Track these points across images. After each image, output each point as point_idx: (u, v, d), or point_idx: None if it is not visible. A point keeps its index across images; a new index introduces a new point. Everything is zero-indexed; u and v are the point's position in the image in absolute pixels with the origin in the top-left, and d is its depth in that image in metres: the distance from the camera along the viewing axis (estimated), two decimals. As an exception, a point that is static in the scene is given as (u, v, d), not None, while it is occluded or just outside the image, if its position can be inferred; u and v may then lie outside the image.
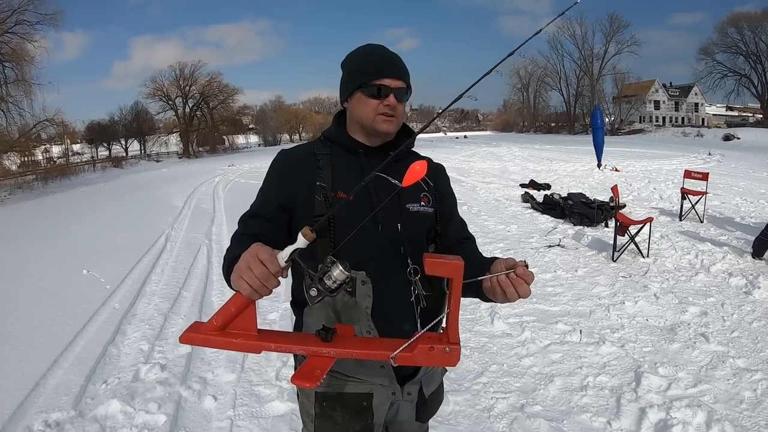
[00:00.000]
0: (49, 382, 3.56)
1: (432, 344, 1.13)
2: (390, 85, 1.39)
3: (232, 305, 1.11)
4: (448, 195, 1.58)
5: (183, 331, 1.16)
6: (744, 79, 54.92)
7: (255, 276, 1.05)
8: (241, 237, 1.36)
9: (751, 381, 3.35)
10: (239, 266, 1.08)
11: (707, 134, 41.41)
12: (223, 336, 1.12)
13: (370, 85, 1.38)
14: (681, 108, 66.01)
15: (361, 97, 1.40)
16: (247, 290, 1.07)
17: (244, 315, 1.12)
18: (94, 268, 6.76)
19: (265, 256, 1.05)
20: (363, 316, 1.33)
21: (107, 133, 58.98)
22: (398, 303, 1.38)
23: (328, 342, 1.14)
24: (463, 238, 1.55)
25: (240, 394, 3.33)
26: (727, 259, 5.95)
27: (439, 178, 1.58)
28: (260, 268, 1.05)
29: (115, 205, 15.24)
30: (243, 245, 1.17)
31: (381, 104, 1.38)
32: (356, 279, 1.32)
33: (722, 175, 14.36)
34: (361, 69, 1.41)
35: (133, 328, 4.58)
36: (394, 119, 1.41)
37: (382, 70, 1.39)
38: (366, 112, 1.40)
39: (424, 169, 1.12)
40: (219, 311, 1.13)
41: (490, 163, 21.61)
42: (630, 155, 23.64)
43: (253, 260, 1.06)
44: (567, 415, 3.04)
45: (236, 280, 1.08)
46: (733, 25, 54.32)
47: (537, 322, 4.42)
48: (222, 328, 1.13)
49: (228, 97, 63.96)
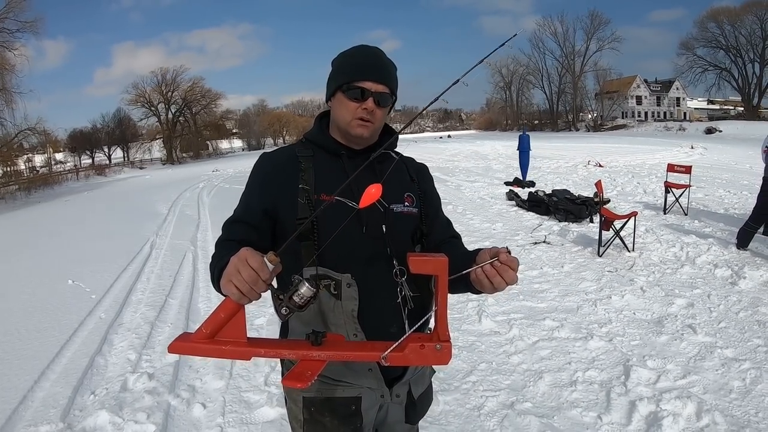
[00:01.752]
0: (37, 394, 3.50)
1: (422, 342, 1.13)
2: (370, 89, 1.35)
3: (222, 311, 1.10)
4: (432, 195, 1.58)
5: (172, 341, 1.14)
6: (725, 73, 55.90)
7: (244, 279, 1.04)
8: (226, 243, 1.34)
9: (740, 370, 3.39)
10: (228, 271, 1.07)
11: (689, 128, 41.91)
12: (213, 344, 1.11)
13: (350, 86, 1.36)
14: (663, 103, 66.78)
15: (341, 98, 1.38)
16: (236, 294, 1.06)
17: (233, 322, 1.11)
18: (79, 277, 6.67)
19: (253, 261, 1.05)
20: (349, 319, 1.32)
21: (90, 140, 58.51)
22: (385, 305, 1.37)
23: (318, 345, 1.13)
24: (450, 237, 1.54)
25: (229, 400, 3.30)
26: (712, 250, 6.02)
27: (423, 177, 1.57)
28: (249, 272, 1.04)
29: (99, 213, 15.08)
30: (228, 251, 1.16)
31: (359, 107, 1.36)
32: (341, 282, 1.31)
33: (705, 167, 14.53)
34: (344, 69, 1.39)
35: (119, 337, 4.53)
36: (370, 125, 1.38)
37: (364, 72, 1.36)
38: (343, 114, 1.38)
39: (378, 192, 1.11)
40: (208, 318, 1.11)
41: (474, 162, 21.65)
42: (613, 151, 23.85)
43: (242, 264, 1.05)
44: (557, 411, 3.05)
45: (225, 285, 1.07)
46: (712, 20, 55.28)
47: (524, 319, 4.43)
48: (211, 335, 1.11)
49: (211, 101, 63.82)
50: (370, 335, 1.33)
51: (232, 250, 1.14)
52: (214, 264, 1.26)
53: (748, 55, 53.91)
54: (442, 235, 1.54)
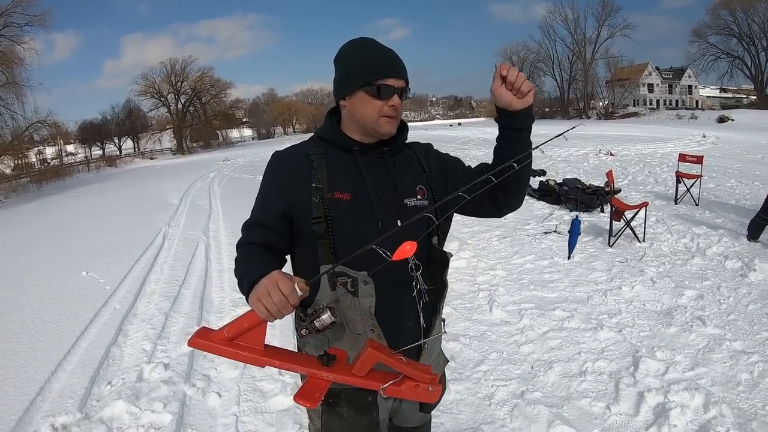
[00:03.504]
0: (54, 386, 3.59)
1: (418, 382, 1.22)
2: (394, 85, 1.37)
3: (246, 321, 1.17)
4: (446, 162, 1.58)
5: (191, 336, 1.20)
6: (737, 61, 55.10)
7: (274, 302, 1.12)
8: (247, 248, 1.39)
9: (748, 363, 3.39)
10: (259, 291, 1.14)
11: (701, 116, 41.44)
12: (232, 347, 1.18)
13: (373, 84, 1.36)
14: (675, 91, 65.97)
15: (364, 97, 1.38)
16: (264, 313, 1.14)
17: (254, 331, 1.18)
18: (93, 269, 6.78)
19: (284, 286, 1.13)
20: (366, 316, 1.35)
21: (100, 132, 58.94)
22: (401, 300, 1.40)
23: (328, 367, 1.20)
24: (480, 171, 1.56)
25: (244, 390, 3.36)
26: (722, 242, 6.00)
27: (431, 157, 1.58)
28: (279, 297, 1.12)
29: (110, 204, 15.22)
30: (252, 260, 1.29)
31: (385, 105, 1.37)
32: (358, 279, 1.33)
33: (717, 157, 14.39)
34: (363, 67, 1.38)
35: (134, 328, 4.61)
36: (395, 120, 1.41)
37: (387, 69, 1.37)
38: (369, 113, 1.38)
39: (413, 249, 1.16)
40: (232, 323, 1.18)
41: (485, 150, 21.53)
42: (624, 139, 23.64)
43: (273, 288, 1.13)
44: (566, 401, 3.09)
45: (255, 303, 1.15)
46: (725, 7, 54.34)
47: (535, 309, 4.46)
48: (231, 339, 1.18)
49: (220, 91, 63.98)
50: (387, 330, 1.36)
51: (255, 258, 1.28)
52: (240, 271, 1.31)
53: (761, 43, 53.07)
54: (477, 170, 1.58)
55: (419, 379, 1.21)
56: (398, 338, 1.39)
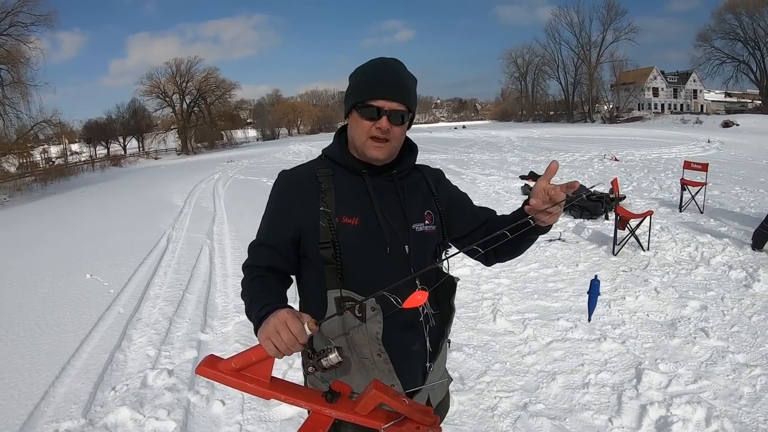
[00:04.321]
0: (58, 390, 3.61)
1: (419, 424, 1.23)
2: (383, 107, 1.33)
3: (254, 355, 1.19)
4: (454, 195, 1.57)
5: (200, 364, 1.22)
6: (742, 65, 54.91)
7: (283, 341, 1.14)
8: (253, 271, 1.39)
9: (751, 376, 3.39)
10: (268, 329, 1.15)
11: (706, 121, 41.36)
12: (238, 378, 1.19)
13: (363, 104, 1.34)
14: (679, 95, 65.87)
15: (356, 117, 1.37)
16: (273, 351, 1.15)
17: (262, 363, 1.20)
18: (97, 271, 6.81)
19: (294, 326, 1.14)
20: (373, 341, 1.34)
21: (105, 131, 59.17)
22: (408, 324, 1.40)
23: (332, 403, 1.22)
24: (486, 219, 1.55)
25: (248, 398, 3.36)
26: (727, 251, 5.99)
27: (440, 185, 1.57)
28: (288, 336, 1.14)
29: (115, 205, 15.28)
30: (256, 284, 1.32)
31: (373, 126, 1.34)
32: (366, 305, 1.32)
33: (722, 163, 14.36)
34: (358, 86, 1.37)
35: (138, 333, 4.63)
36: (386, 144, 1.36)
37: (378, 90, 1.33)
38: (358, 134, 1.37)
39: (424, 299, 1.18)
40: (240, 356, 1.20)
41: (489, 154, 21.55)
42: (629, 143, 23.63)
43: (283, 327, 1.14)
44: (569, 414, 3.08)
45: (264, 341, 1.16)
46: (730, 11, 54.20)
47: (539, 319, 4.46)
48: (238, 370, 1.20)
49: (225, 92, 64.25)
50: (393, 354, 1.36)
51: (261, 287, 1.31)
52: (247, 299, 1.33)
53: (766, 48, 52.91)
54: (478, 220, 1.55)
55: (420, 421, 1.22)
56: (404, 362, 1.40)
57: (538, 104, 75.38)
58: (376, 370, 1.37)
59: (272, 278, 1.39)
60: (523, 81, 77.40)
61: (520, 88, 78.31)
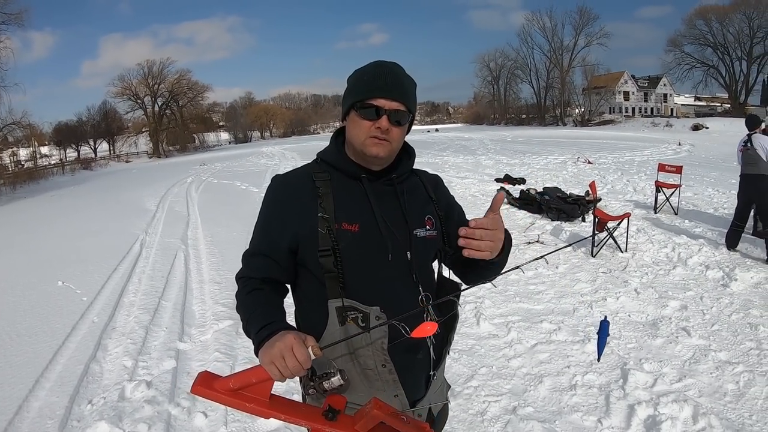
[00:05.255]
0: (32, 405, 3.46)
1: None
2: (383, 106, 1.30)
3: (254, 376, 1.15)
4: (454, 207, 1.55)
5: (194, 383, 1.16)
6: (712, 70, 56.82)
7: (287, 367, 1.11)
8: (249, 283, 1.34)
9: (734, 373, 3.44)
10: (273, 353, 1.12)
11: (676, 124, 42.40)
12: (236, 397, 1.15)
13: (363, 104, 1.31)
14: (650, 99, 67.32)
15: (354, 118, 1.33)
16: (276, 375, 1.12)
17: (262, 384, 1.16)
18: (69, 278, 6.60)
19: (299, 353, 1.11)
20: (378, 351, 1.30)
21: (75, 134, 57.84)
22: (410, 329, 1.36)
23: (332, 422, 1.18)
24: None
25: (231, 409, 3.27)
26: (703, 251, 6.09)
27: (439, 190, 1.54)
28: (293, 362, 1.11)
29: (86, 209, 14.90)
30: (253, 298, 1.29)
31: (373, 126, 1.30)
32: (370, 314, 1.28)
33: (693, 165, 14.66)
34: (357, 86, 1.34)
35: (114, 342, 4.48)
36: (386, 143, 1.32)
37: (376, 89, 1.30)
38: (357, 134, 1.33)
39: (433, 330, 1.18)
40: (239, 376, 1.16)
41: (464, 158, 21.64)
42: (601, 146, 24.03)
43: (288, 353, 1.11)
44: (558, 416, 3.08)
45: (267, 364, 1.13)
46: (701, 17, 56.03)
47: (522, 322, 4.46)
48: (236, 390, 1.15)
49: (198, 94, 63.56)
50: (398, 363, 1.32)
51: (260, 301, 1.28)
52: (244, 315, 1.29)
53: (735, 53, 54.82)
54: None
55: None
56: (409, 372, 1.36)
57: (511, 108, 76.12)
58: (380, 381, 1.32)
59: (269, 291, 1.33)
60: (495, 85, 78.26)
61: (493, 92, 79.12)
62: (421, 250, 1.40)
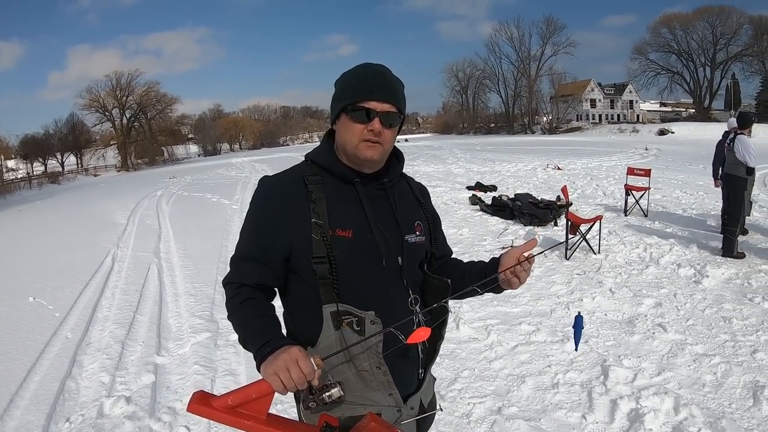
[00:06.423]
0: (8, 424, 3.34)
1: None
2: (375, 108, 1.29)
3: (255, 391, 1.14)
4: (436, 216, 1.58)
5: (189, 402, 1.15)
6: (676, 76, 58.84)
7: (292, 379, 1.12)
8: (241, 291, 1.32)
9: (711, 365, 3.56)
10: (278, 364, 1.12)
11: (643, 130, 43.51)
12: (234, 415, 1.14)
13: (354, 107, 1.30)
14: (616, 105, 68.98)
15: (346, 121, 1.32)
16: (280, 387, 1.13)
17: (260, 400, 1.15)
18: (40, 294, 6.40)
19: (305, 366, 1.12)
20: (373, 354, 1.30)
21: (42, 147, 56.29)
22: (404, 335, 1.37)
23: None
24: (448, 256, 1.63)
25: (214, 423, 3.21)
26: (674, 250, 6.26)
27: (426, 199, 1.57)
28: (299, 375, 1.12)
29: (55, 223, 14.48)
30: (247, 307, 1.28)
31: (365, 129, 1.29)
32: (365, 319, 1.29)
33: (661, 169, 15.03)
34: (347, 89, 1.32)
35: (89, 358, 4.36)
36: (378, 146, 1.31)
37: (368, 91, 1.29)
38: (349, 137, 1.31)
39: (426, 335, 1.23)
40: (238, 392, 1.15)
41: (434, 166, 21.69)
42: (570, 153, 24.47)
43: (293, 366, 1.12)
44: (543, 414, 3.12)
45: (270, 375, 1.13)
46: (665, 25, 57.95)
47: (501, 325, 4.50)
48: (235, 407, 1.15)
49: (166, 106, 62.73)
50: (392, 366, 1.33)
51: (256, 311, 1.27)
52: (239, 325, 1.29)
53: (699, 59, 56.86)
54: (443, 252, 1.60)
55: None
56: (402, 373, 1.39)
57: (479, 117, 76.97)
58: (375, 382, 1.34)
59: (262, 299, 1.33)
60: (464, 94, 79.08)
61: (462, 101, 79.89)
62: (412, 256, 1.41)
